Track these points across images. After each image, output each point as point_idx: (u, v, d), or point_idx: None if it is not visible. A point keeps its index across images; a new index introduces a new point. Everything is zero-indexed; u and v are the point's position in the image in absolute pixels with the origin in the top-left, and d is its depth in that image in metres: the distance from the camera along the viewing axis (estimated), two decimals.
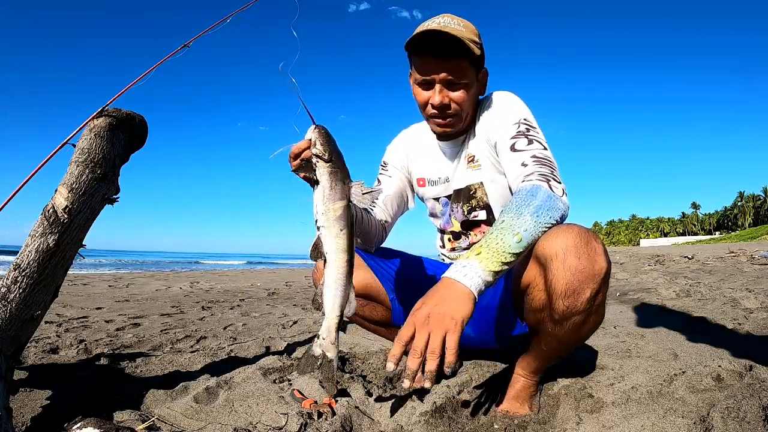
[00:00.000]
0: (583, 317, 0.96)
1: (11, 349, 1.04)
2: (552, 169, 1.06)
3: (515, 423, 1.08)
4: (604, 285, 0.95)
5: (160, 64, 1.27)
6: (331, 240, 0.93)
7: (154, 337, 2.25)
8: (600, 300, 0.96)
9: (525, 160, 1.10)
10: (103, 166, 1.13)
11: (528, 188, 1.02)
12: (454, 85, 1.19)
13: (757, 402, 0.99)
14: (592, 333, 1.04)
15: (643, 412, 1.03)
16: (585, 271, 0.92)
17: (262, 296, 4.49)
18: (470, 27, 1.19)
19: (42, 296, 1.07)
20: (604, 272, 0.93)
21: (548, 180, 1.02)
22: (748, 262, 5.99)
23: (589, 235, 0.95)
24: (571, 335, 1.00)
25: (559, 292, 0.94)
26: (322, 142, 0.94)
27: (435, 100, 1.20)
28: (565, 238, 0.93)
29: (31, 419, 1.12)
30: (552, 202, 0.98)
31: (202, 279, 7.18)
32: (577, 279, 0.92)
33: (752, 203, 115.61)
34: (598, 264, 0.92)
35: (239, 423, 1.10)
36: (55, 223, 1.06)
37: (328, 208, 0.93)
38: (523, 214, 0.96)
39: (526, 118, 1.19)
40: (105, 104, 1.17)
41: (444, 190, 1.39)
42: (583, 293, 0.92)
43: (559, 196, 1.01)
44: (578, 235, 0.93)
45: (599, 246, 0.94)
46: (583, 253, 0.92)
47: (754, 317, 2.04)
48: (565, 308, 0.95)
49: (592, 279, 0.92)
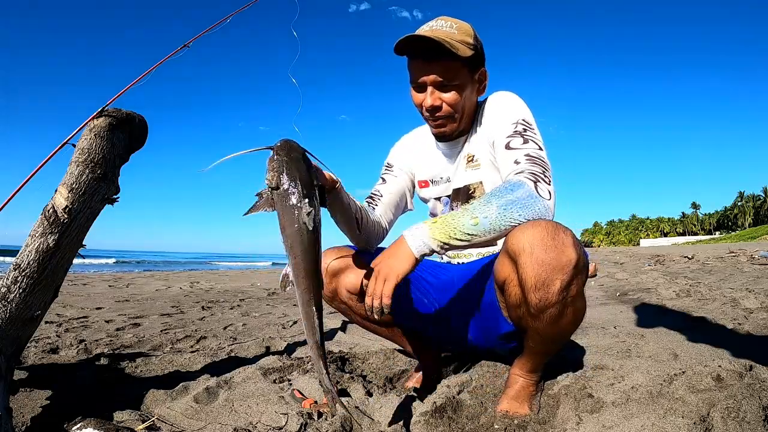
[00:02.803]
0: (558, 309, 0.97)
1: (11, 349, 1.04)
2: (544, 169, 1.06)
3: (515, 423, 1.08)
4: (576, 276, 0.95)
5: (160, 64, 1.27)
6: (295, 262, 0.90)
7: (154, 337, 2.25)
8: (574, 291, 0.97)
9: (518, 157, 1.10)
10: (103, 166, 1.13)
11: (512, 182, 1.02)
12: (445, 86, 1.19)
13: (757, 402, 0.99)
14: (574, 326, 1.04)
15: (643, 412, 1.02)
16: (552, 262, 0.93)
17: (262, 296, 4.49)
18: (464, 28, 1.20)
19: (42, 296, 1.07)
20: (573, 263, 0.93)
21: (536, 180, 1.02)
22: (748, 262, 5.99)
23: (557, 227, 0.95)
24: (551, 329, 1.01)
25: (530, 286, 0.96)
26: (268, 168, 0.91)
27: (427, 102, 1.21)
28: (531, 233, 0.95)
29: (31, 419, 1.12)
30: (529, 201, 0.98)
31: (202, 279, 7.18)
32: (545, 271, 0.93)
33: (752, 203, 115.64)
34: (566, 255, 0.93)
35: (239, 423, 1.10)
36: (55, 223, 1.06)
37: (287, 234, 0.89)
38: (491, 202, 0.98)
39: (524, 118, 1.19)
40: (105, 104, 1.17)
41: (445, 189, 1.40)
42: (553, 285, 0.94)
43: (542, 197, 1.00)
44: (545, 229, 0.95)
45: (568, 238, 0.95)
46: (550, 246, 0.93)
47: (754, 317, 2.04)
48: (538, 301, 0.96)
49: (561, 270, 0.93)
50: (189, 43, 1.30)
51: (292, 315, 3.06)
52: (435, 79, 1.18)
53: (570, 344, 1.71)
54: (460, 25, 1.20)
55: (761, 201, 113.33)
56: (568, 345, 1.69)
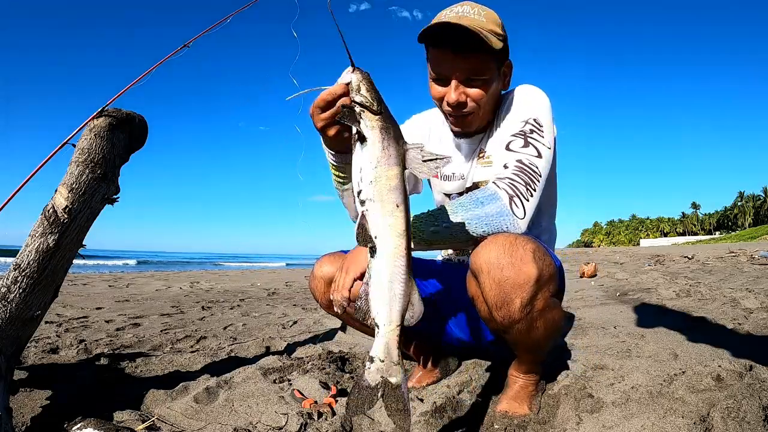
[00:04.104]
0: (525, 325, 0.96)
1: (11, 349, 1.04)
2: (528, 181, 0.99)
3: (515, 423, 1.08)
4: (538, 291, 0.93)
5: (160, 64, 1.27)
6: (385, 218, 0.70)
7: (154, 337, 2.25)
8: (540, 305, 0.95)
9: (509, 162, 1.03)
10: (103, 166, 1.13)
11: (488, 193, 0.98)
12: (471, 81, 1.09)
13: (757, 402, 0.99)
14: (549, 335, 1.03)
15: (643, 412, 1.02)
16: (508, 281, 0.91)
17: (262, 296, 4.49)
18: (492, 16, 1.09)
19: (42, 296, 1.07)
20: (533, 279, 0.91)
21: (513, 195, 0.97)
22: (748, 262, 5.99)
23: (516, 242, 0.93)
24: (526, 340, 1.01)
25: (492, 304, 0.95)
26: (368, 87, 0.73)
27: (451, 98, 1.10)
28: (488, 251, 0.93)
29: (31, 419, 1.12)
30: (498, 219, 0.96)
31: (202, 279, 7.18)
32: (503, 290, 0.92)
33: (752, 203, 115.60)
34: (524, 272, 0.91)
35: (239, 423, 1.10)
36: (55, 223, 1.06)
37: (380, 175, 0.70)
38: (457, 213, 0.97)
39: (536, 118, 1.10)
40: (105, 104, 1.17)
41: (459, 187, 1.32)
42: (513, 303, 0.92)
43: (514, 215, 0.96)
44: (502, 246, 0.92)
45: (527, 253, 0.92)
46: (506, 264, 0.91)
47: (754, 317, 2.04)
48: (502, 318, 0.95)
49: (520, 288, 0.92)
50: (189, 43, 1.30)
51: (292, 315, 3.06)
52: (463, 73, 1.08)
53: (570, 344, 1.71)
54: (487, 12, 1.09)
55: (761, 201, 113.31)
56: (568, 345, 1.70)
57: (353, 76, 0.74)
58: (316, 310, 3.30)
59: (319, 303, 1.32)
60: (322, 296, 1.28)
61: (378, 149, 0.70)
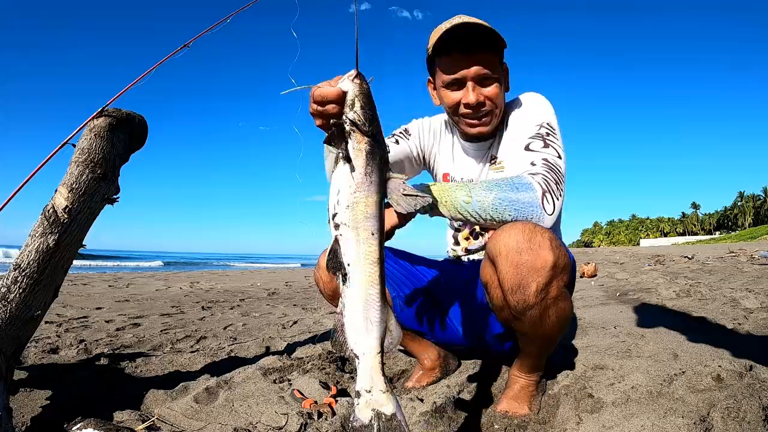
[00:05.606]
0: (538, 311, 0.96)
1: (11, 349, 1.04)
2: (557, 180, 1.02)
3: (515, 423, 1.08)
4: (554, 277, 0.94)
5: (160, 64, 1.27)
6: (359, 246, 0.67)
7: (154, 337, 2.25)
8: (554, 293, 0.96)
9: (536, 160, 1.06)
10: (103, 166, 1.13)
11: (524, 180, 0.99)
12: (487, 80, 1.15)
13: (757, 402, 0.99)
14: (560, 326, 1.03)
15: (643, 412, 1.02)
16: (527, 265, 0.92)
17: (262, 296, 4.49)
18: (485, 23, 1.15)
19: (42, 296, 1.07)
20: (550, 265, 0.92)
21: (546, 191, 0.99)
22: (748, 262, 5.99)
23: (535, 230, 0.94)
24: (537, 330, 1.01)
25: (507, 288, 0.96)
26: (363, 103, 0.69)
27: (470, 99, 1.15)
28: (508, 236, 0.94)
29: (31, 419, 1.12)
30: (528, 209, 0.96)
31: (202, 279, 7.18)
32: (520, 273, 0.93)
33: (752, 203, 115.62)
34: (542, 257, 0.92)
35: (239, 423, 1.10)
36: (55, 223, 1.06)
37: (359, 201, 0.67)
38: (492, 191, 0.96)
39: (549, 122, 1.15)
40: (105, 104, 1.17)
41: None
42: (529, 287, 0.93)
43: (544, 210, 0.97)
44: (521, 231, 0.94)
45: (545, 240, 0.93)
46: (525, 249, 0.93)
47: (754, 317, 2.04)
48: (517, 303, 0.96)
49: (537, 272, 0.93)
50: (189, 43, 1.30)
51: (292, 315, 3.06)
52: (478, 71, 1.13)
53: (570, 344, 1.71)
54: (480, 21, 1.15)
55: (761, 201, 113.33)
56: (568, 345, 1.69)
57: (351, 86, 0.70)
58: (316, 310, 3.30)
59: (322, 293, 1.35)
60: (326, 286, 1.30)
61: (360, 174, 0.67)
